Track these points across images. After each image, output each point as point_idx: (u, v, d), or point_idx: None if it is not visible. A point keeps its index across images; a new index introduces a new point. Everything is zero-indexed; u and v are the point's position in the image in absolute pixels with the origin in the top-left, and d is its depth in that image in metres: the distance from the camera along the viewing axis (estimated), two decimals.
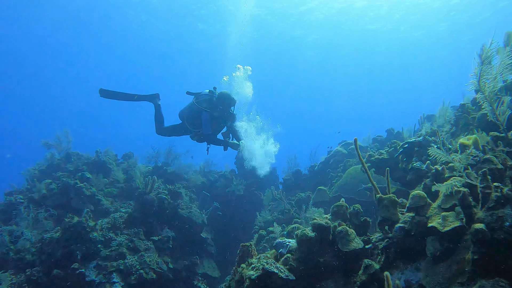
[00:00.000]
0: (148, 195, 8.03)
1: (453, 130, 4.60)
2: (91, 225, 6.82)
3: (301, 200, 8.77)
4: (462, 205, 2.45)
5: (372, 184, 3.47)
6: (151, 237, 7.58)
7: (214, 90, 6.85)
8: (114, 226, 7.28)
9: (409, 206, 3.00)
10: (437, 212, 2.79)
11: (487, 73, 2.91)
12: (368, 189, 6.96)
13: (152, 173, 10.18)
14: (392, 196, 3.20)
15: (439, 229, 2.60)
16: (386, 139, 10.04)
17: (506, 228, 2.21)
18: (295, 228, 4.64)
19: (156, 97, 7.31)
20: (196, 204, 9.66)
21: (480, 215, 2.38)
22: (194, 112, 6.65)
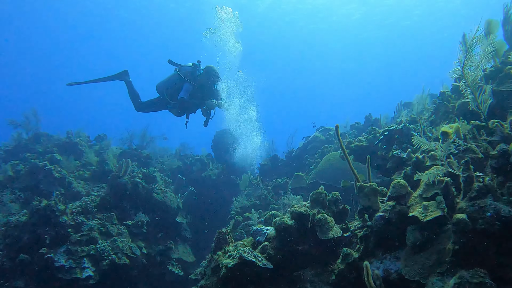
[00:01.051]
0: (121, 178, 7.80)
1: (432, 118, 4.59)
2: (61, 208, 6.57)
3: (278, 186, 8.74)
4: (444, 195, 2.42)
5: (353, 171, 3.41)
6: (125, 221, 7.38)
7: (198, 63, 6.69)
8: (86, 210, 7.03)
9: (390, 195, 2.95)
10: (418, 201, 2.75)
11: (471, 61, 2.86)
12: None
13: (126, 155, 9.92)
14: (373, 185, 3.15)
15: (420, 219, 2.57)
16: (364, 125, 10.07)
17: (487, 218, 2.18)
18: (272, 216, 4.57)
19: (125, 74, 7.13)
20: (171, 188, 9.48)
21: (461, 205, 2.35)
22: (175, 83, 6.50)
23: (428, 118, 4.73)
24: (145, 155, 10.36)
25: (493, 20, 4.02)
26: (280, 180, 8.99)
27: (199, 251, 9.14)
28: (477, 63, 2.89)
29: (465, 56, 2.80)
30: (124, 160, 8.13)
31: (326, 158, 8.09)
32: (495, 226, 2.14)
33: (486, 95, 2.90)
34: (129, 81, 7.05)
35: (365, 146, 5.26)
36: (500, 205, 2.19)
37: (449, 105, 4.16)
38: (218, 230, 4.13)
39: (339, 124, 3.71)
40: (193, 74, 6.51)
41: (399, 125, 4.36)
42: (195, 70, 6.57)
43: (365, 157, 5.52)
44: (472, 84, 2.88)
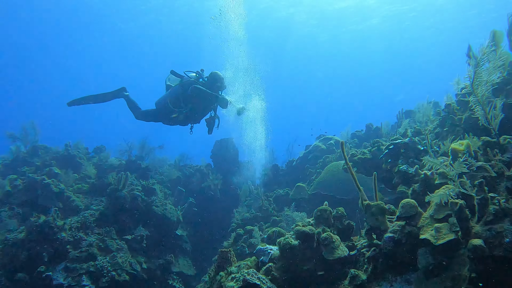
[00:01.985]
0: (121, 192, 7.68)
1: (437, 131, 4.50)
2: (59, 224, 6.45)
3: (280, 197, 8.62)
4: (459, 218, 2.31)
5: (359, 189, 3.30)
6: (124, 236, 7.26)
7: (201, 72, 6.64)
8: (84, 225, 6.92)
9: (399, 215, 2.85)
10: (429, 222, 2.65)
11: (481, 76, 2.77)
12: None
13: (125, 167, 9.80)
14: (380, 203, 3.05)
15: (433, 242, 2.46)
16: (365, 134, 10.00)
17: (506, 245, 2.08)
18: (275, 232, 4.46)
19: (123, 91, 7.13)
20: (170, 200, 9.36)
21: (477, 230, 2.25)
22: (179, 91, 6.44)
23: (433, 130, 4.64)
24: (144, 166, 10.24)
25: (498, 30, 3.93)
26: (281, 191, 8.87)
27: (200, 263, 9.01)
28: (486, 77, 2.80)
29: (475, 72, 2.71)
30: (123, 172, 8.02)
31: (327, 168, 7.99)
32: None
33: (497, 110, 2.81)
34: (126, 95, 7.04)
35: (368, 158, 5.16)
36: None
37: (456, 118, 4.07)
38: (220, 249, 4.02)
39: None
40: (197, 81, 6.46)
41: (405, 139, 4.26)
42: (199, 78, 6.53)
43: (368, 169, 5.44)
44: (482, 99, 2.79)
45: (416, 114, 8.28)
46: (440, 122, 4.45)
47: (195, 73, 6.61)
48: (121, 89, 7.11)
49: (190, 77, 6.51)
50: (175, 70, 6.68)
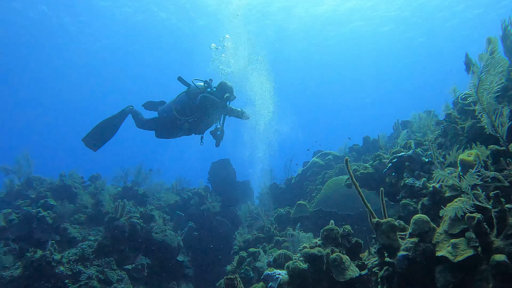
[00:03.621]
0: (118, 220, 7.52)
1: (439, 141, 4.44)
2: (57, 258, 6.25)
3: (281, 216, 8.47)
4: (477, 233, 2.21)
5: (367, 207, 3.20)
6: (124, 266, 7.06)
7: (210, 81, 6.54)
8: (83, 257, 6.72)
9: (411, 232, 2.74)
10: (445, 238, 2.54)
11: (485, 83, 2.71)
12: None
13: (121, 194, 9.63)
14: (391, 220, 2.93)
15: (450, 259, 2.35)
16: (362, 147, 9.94)
17: None
18: (281, 255, 4.33)
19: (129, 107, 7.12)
20: (170, 225, 9.17)
21: (498, 244, 2.14)
22: (185, 99, 6.34)
23: (434, 140, 4.57)
24: (141, 192, 10.07)
25: (493, 37, 3.91)
26: (282, 210, 8.72)
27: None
28: (490, 84, 2.75)
29: (479, 78, 2.65)
30: (120, 200, 7.86)
31: (327, 184, 7.89)
32: None
33: (503, 117, 2.74)
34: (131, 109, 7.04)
35: (371, 173, 5.07)
36: None
37: (458, 127, 4.01)
38: (226, 276, 3.87)
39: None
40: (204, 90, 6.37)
41: (408, 151, 4.19)
42: (207, 87, 6.43)
43: (371, 184, 5.35)
44: (488, 106, 2.73)
45: (413, 124, 8.26)
46: (442, 132, 4.39)
47: (203, 82, 6.51)
48: (128, 107, 7.07)
49: (198, 86, 6.39)
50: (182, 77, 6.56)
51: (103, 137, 6.90)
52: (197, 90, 6.31)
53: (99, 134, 6.86)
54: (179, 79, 6.53)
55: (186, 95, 6.35)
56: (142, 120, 6.88)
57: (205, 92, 6.29)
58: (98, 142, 6.88)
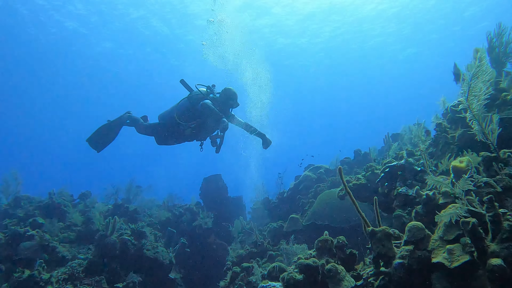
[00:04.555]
0: (109, 237, 7.38)
1: (430, 150, 4.47)
2: (45, 278, 6.10)
3: (274, 230, 8.41)
4: (472, 238, 2.21)
5: (361, 215, 3.19)
6: (115, 284, 6.90)
7: (212, 87, 6.43)
8: (72, 276, 6.56)
9: (406, 239, 2.73)
10: (440, 244, 2.54)
11: (475, 90, 2.76)
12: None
13: (112, 212, 9.49)
14: (386, 229, 2.93)
15: (447, 265, 2.34)
16: (353, 160, 9.97)
17: None
18: (276, 268, 4.27)
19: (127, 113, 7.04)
20: (162, 242, 9.04)
21: (494, 248, 2.14)
22: (187, 104, 6.23)
23: (425, 150, 4.61)
24: (132, 209, 9.94)
25: (480, 48, 3.99)
26: (275, 224, 8.66)
27: None
28: (479, 92, 2.79)
29: (470, 85, 2.69)
30: (111, 217, 7.74)
31: (320, 197, 7.87)
32: None
33: (493, 124, 2.78)
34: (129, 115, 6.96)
35: (363, 184, 5.08)
36: None
37: (449, 136, 4.05)
38: None
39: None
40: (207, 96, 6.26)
41: (400, 161, 4.21)
42: (210, 93, 6.31)
43: (364, 195, 5.35)
44: (478, 114, 2.77)
45: (403, 136, 8.33)
46: (433, 142, 4.44)
47: (205, 88, 6.41)
48: (126, 113, 6.99)
49: (201, 91, 6.29)
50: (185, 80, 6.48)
51: (104, 140, 6.91)
52: (199, 96, 6.19)
53: (100, 137, 6.85)
54: (182, 82, 6.44)
55: (188, 100, 6.25)
56: (142, 126, 6.77)
57: (207, 97, 6.19)
58: (100, 145, 6.90)
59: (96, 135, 6.84)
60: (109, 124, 6.91)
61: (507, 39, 4.86)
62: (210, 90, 6.35)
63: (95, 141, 6.86)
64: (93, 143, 6.89)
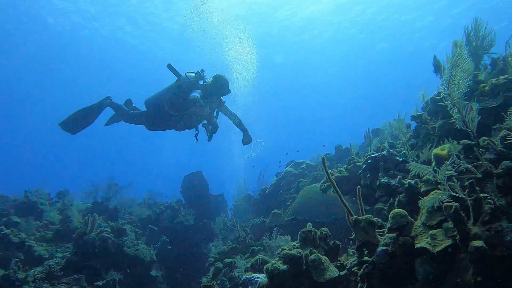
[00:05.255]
0: (88, 235, 7.23)
1: (411, 142, 4.53)
2: (21, 277, 5.93)
3: (256, 226, 8.40)
4: (455, 221, 2.23)
5: (344, 205, 3.20)
6: (95, 282, 6.76)
7: (201, 72, 6.10)
8: (50, 275, 6.39)
9: (390, 227, 2.75)
10: (423, 230, 2.56)
11: (456, 78, 2.79)
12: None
13: (91, 210, 9.30)
14: (369, 217, 2.94)
15: (430, 250, 2.36)
16: (335, 156, 10.04)
17: (507, 243, 2.01)
18: (259, 260, 4.25)
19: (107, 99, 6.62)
20: (142, 240, 8.92)
21: (476, 231, 2.17)
22: (178, 93, 5.88)
23: (406, 142, 4.66)
24: (112, 207, 9.76)
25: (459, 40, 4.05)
26: (257, 220, 8.66)
27: None
28: (459, 80, 2.82)
29: (451, 73, 2.72)
30: (90, 215, 7.57)
31: (302, 192, 7.89)
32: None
33: (473, 112, 2.82)
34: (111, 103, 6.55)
35: (346, 176, 5.11)
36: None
37: (429, 127, 4.11)
38: (203, 284, 3.76)
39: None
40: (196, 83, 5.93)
41: (382, 152, 4.25)
42: (199, 79, 6.01)
43: (346, 188, 5.37)
44: (459, 102, 2.80)
45: (384, 132, 8.43)
46: (414, 133, 4.49)
47: (194, 73, 6.08)
48: (105, 98, 6.59)
49: (189, 78, 5.95)
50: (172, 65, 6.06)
51: (80, 124, 6.46)
52: (189, 83, 5.88)
53: (76, 121, 6.41)
54: (169, 67, 6.05)
55: (177, 88, 5.92)
56: (128, 115, 6.43)
57: (196, 84, 5.89)
58: (75, 127, 6.44)
59: (71, 119, 6.40)
60: (86, 108, 6.51)
61: (483, 33, 4.97)
62: (199, 76, 6.06)
63: (70, 124, 6.41)
64: (67, 126, 6.42)
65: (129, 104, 6.70)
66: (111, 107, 6.57)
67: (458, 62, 2.69)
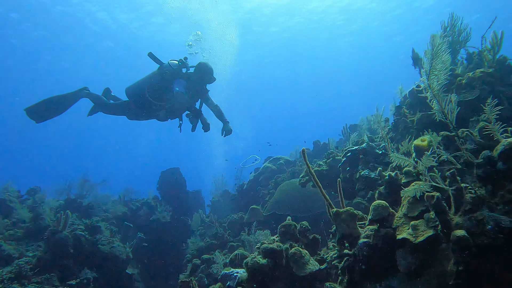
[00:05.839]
0: (61, 233, 6.99)
1: (390, 135, 4.54)
2: None
3: (234, 222, 8.34)
4: (437, 211, 2.22)
5: (325, 197, 3.16)
6: (68, 281, 6.55)
7: (185, 60, 5.92)
8: (20, 275, 6.14)
9: (371, 218, 2.72)
10: (404, 221, 2.55)
11: (436, 69, 2.79)
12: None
13: (64, 207, 9.01)
14: (350, 209, 2.91)
15: (412, 240, 2.34)
16: (313, 151, 10.06)
17: (489, 232, 2.00)
18: (238, 255, 4.19)
19: (84, 90, 6.27)
20: (118, 237, 8.70)
21: (457, 221, 2.16)
22: (160, 82, 5.69)
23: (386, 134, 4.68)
24: (86, 204, 9.50)
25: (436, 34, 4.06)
26: (235, 216, 8.59)
27: None
28: (439, 72, 2.82)
29: (431, 64, 2.72)
30: (63, 212, 7.33)
31: (280, 188, 7.87)
32: (499, 239, 1.97)
33: (452, 104, 2.82)
34: (88, 93, 6.22)
35: (325, 170, 5.09)
36: (499, 216, 2.03)
37: (408, 120, 4.13)
38: (181, 280, 3.67)
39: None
40: (179, 71, 5.76)
41: (362, 145, 4.24)
42: (182, 67, 5.82)
43: (325, 182, 5.36)
44: (438, 94, 2.80)
45: (362, 127, 8.49)
46: (393, 126, 4.51)
47: (177, 61, 5.89)
48: (82, 89, 6.25)
49: (172, 66, 5.76)
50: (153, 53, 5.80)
51: (48, 112, 6.03)
52: (171, 71, 5.70)
53: (45, 108, 5.99)
54: (150, 56, 5.81)
55: (160, 76, 5.73)
56: (108, 106, 6.17)
57: (179, 72, 5.72)
58: (41, 115, 6.00)
59: (40, 106, 5.98)
60: (58, 97, 6.12)
61: (459, 28, 5.04)
62: (182, 64, 5.87)
63: (37, 111, 5.98)
64: (33, 113, 5.98)
65: (108, 94, 6.43)
66: (89, 98, 6.28)
67: (438, 53, 2.67)
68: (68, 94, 6.19)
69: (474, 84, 3.82)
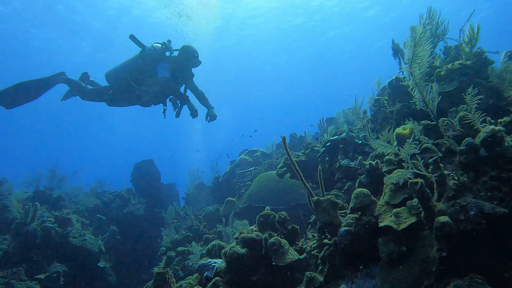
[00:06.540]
0: (29, 225, 6.72)
1: (370, 126, 4.55)
2: None
3: (210, 214, 8.24)
4: (420, 198, 2.20)
5: (305, 186, 3.12)
6: (36, 275, 6.30)
7: (168, 43, 5.68)
8: None
9: (353, 206, 2.70)
10: (387, 209, 2.53)
11: (418, 58, 2.77)
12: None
13: (33, 199, 8.68)
14: (331, 197, 2.88)
15: (394, 227, 2.32)
16: (289, 144, 10.05)
17: (472, 218, 2.00)
18: (215, 246, 4.11)
19: (61, 75, 5.98)
20: (90, 230, 8.46)
21: (441, 207, 2.15)
22: (143, 66, 5.46)
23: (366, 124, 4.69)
24: (56, 196, 9.19)
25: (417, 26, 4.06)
26: (211, 208, 8.49)
27: None
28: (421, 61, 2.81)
29: (413, 52, 2.70)
30: (31, 204, 7.05)
31: (257, 179, 7.81)
32: (482, 225, 1.96)
33: (433, 93, 2.82)
34: (65, 79, 5.92)
35: (304, 161, 5.06)
36: (481, 202, 2.03)
37: (387, 111, 4.14)
38: (156, 271, 3.55)
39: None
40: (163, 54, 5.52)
41: (341, 135, 4.23)
42: (165, 50, 5.59)
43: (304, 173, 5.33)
44: (420, 82, 2.79)
45: (338, 120, 8.52)
46: (372, 117, 4.52)
47: (160, 44, 5.63)
48: (58, 74, 5.95)
49: (155, 48, 5.51)
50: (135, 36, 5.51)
51: (20, 98, 5.72)
52: (154, 54, 5.46)
53: (16, 93, 5.67)
54: (131, 38, 5.51)
55: (142, 60, 5.49)
56: (87, 91, 5.87)
57: (162, 56, 5.49)
58: (12, 101, 5.68)
59: (10, 91, 5.67)
60: (32, 81, 5.81)
61: (437, 21, 5.10)
62: (166, 47, 5.64)
63: (7, 96, 5.65)
64: (3, 99, 5.65)
65: (86, 79, 6.14)
66: (66, 83, 6.00)
67: (421, 40, 2.66)
68: (43, 79, 5.89)
69: (452, 76, 3.86)
